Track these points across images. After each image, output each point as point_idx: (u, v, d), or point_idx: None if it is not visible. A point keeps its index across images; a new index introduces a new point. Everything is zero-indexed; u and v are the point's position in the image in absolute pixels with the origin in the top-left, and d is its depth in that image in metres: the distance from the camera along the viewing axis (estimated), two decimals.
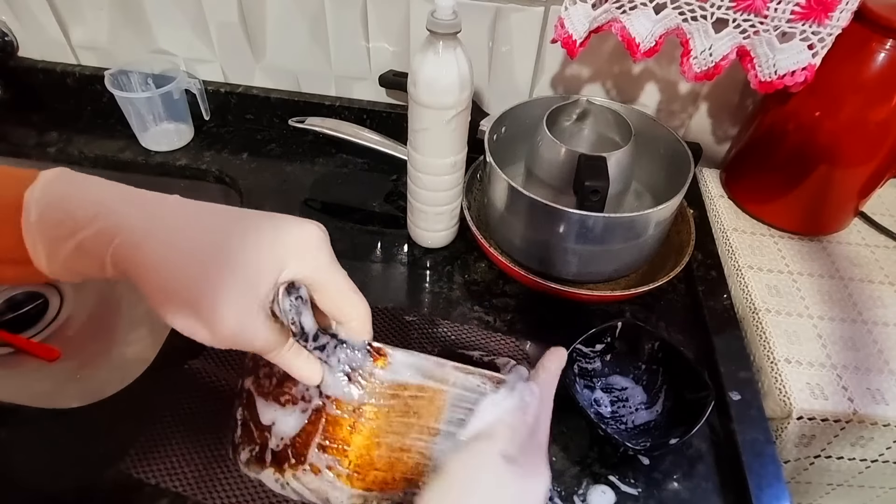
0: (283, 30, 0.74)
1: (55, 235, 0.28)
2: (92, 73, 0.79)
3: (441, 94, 0.50)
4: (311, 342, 0.29)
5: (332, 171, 0.77)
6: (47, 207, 0.28)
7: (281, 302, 0.28)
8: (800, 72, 0.55)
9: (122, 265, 0.27)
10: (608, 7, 0.57)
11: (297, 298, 0.28)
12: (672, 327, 0.59)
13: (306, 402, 0.30)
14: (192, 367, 0.52)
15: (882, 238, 0.68)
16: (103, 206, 0.28)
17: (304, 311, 0.28)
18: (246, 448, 0.32)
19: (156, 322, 0.61)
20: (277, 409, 0.31)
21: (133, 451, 0.46)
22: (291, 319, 0.28)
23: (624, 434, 0.50)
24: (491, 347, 0.56)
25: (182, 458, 0.46)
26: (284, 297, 0.28)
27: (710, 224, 0.69)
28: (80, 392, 0.52)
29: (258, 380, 0.32)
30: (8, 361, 0.61)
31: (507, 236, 0.60)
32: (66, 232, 0.28)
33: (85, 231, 0.28)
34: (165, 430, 0.47)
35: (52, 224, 0.28)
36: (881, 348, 0.55)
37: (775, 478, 0.46)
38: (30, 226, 0.28)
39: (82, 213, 0.28)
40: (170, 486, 0.44)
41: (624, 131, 0.60)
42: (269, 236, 0.28)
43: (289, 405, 0.31)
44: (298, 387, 0.31)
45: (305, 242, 0.29)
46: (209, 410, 0.49)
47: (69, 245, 0.28)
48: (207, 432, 0.47)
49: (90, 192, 0.29)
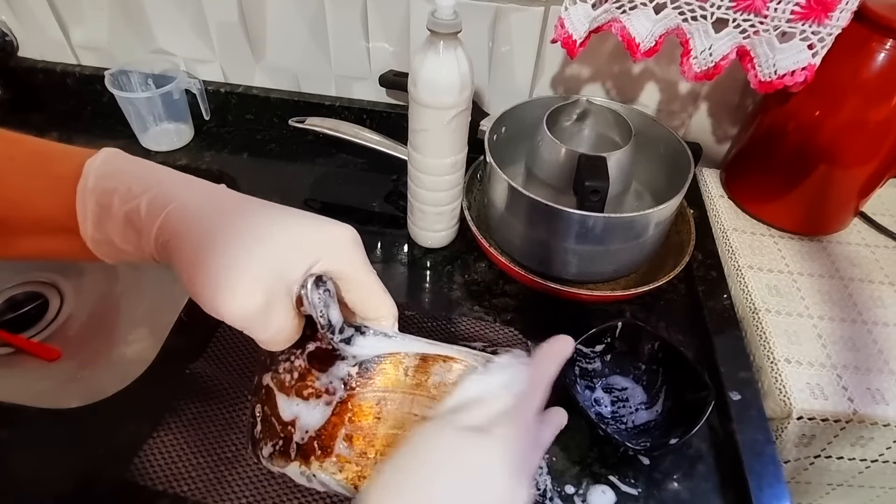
0: (283, 30, 0.74)
1: (107, 203, 0.29)
2: (92, 73, 0.79)
3: (441, 94, 0.50)
4: (337, 334, 0.30)
5: (332, 171, 0.77)
6: (104, 176, 0.30)
7: (310, 294, 0.28)
8: (800, 72, 0.55)
9: (166, 236, 0.28)
10: (608, 7, 0.57)
11: (325, 291, 0.29)
12: (672, 327, 0.59)
13: (330, 395, 0.31)
14: (192, 367, 0.52)
15: (882, 238, 0.68)
16: (158, 181, 0.30)
17: (332, 304, 0.29)
18: (268, 443, 0.32)
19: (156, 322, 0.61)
20: (300, 403, 0.31)
21: (133, 451, 0.46)
22: (320, 312, 0.29)
23: (624, 434, 0.50)
24: (492, 338, 0.56)
25: (182, 458, 0.45)
26: (314, 289, 0.28)
27: (710, 224, 0.69)
28: (80, 392, 0.52)
29: (277, 375, 0.32)
30: (8, 361, 0.61)
31: (507, 236, 0.60)
32: (119, 201, 0.29)
33: (137, 200, 0.29)
34: (166, 430, 0.47)
35: (106, 191, 0.29)
36: (881, 348, 0.55)
37: (775, 478, 0.46)
38: (84, 192, 0.29)
39: (137, 185, 0.29)
40: (169, 487, 0.44)
41: (624, 131, 0.60)
42: (307, 230, 0.29)
43: (312, 399, 0.31)
44: (322, 380, 0.31)
45: (342, 240, 0.30)
46: (210, 410, 0.49)
47: (119, 214, 0.29)
48: (208, 432, 0.47)
49: (147, 170, 0.31)
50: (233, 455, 0.46)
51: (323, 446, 0.31)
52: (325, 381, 0.31)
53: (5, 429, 0.48)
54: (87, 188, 0.29)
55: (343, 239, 0.30)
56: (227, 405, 0.49)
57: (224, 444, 0.46)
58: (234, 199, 0.30)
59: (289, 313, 0.29)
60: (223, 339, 0.54)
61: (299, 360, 0.32)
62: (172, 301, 0.59)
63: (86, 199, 0.29)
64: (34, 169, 0.31)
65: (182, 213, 0.29)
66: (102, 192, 0.29)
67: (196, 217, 0.28)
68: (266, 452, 0.32)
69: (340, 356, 0.31)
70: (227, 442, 0.47)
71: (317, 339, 0.31)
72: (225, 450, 0.46)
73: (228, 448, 0.46)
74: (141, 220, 0.29)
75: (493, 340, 0.56)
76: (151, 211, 0.29)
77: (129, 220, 0.29)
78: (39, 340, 0.64)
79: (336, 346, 0.30)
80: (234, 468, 0.45)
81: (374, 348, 0.31)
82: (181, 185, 0.30)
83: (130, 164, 0.31)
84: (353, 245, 0.31)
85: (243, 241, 0.28)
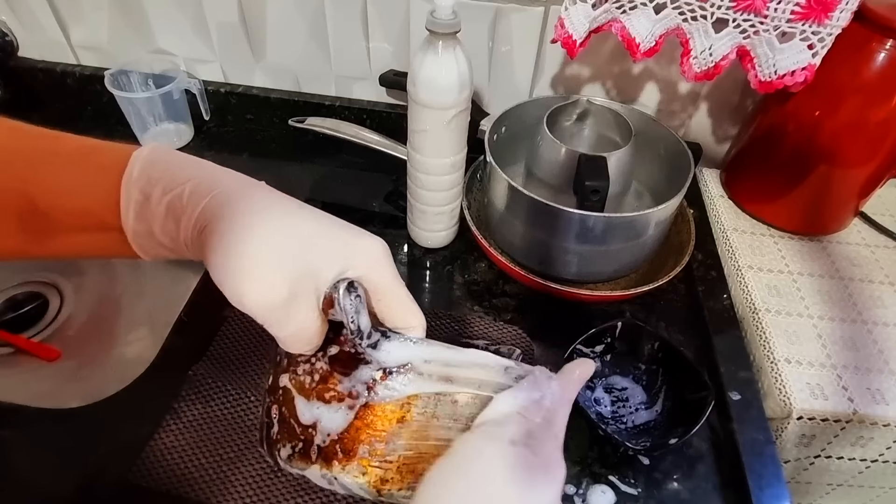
0: (283, 30, 0.74)
1: (150, 192, 0.30)
2: (92, 73, 0.79)
3: (441, 93, 0.50)
4: (366, 339, 0.30)
5: (332, 171, 0.77)
6: (149, 166, 0.30)
7: (342, 299, 0.29)
8: (800, 72, 0.55)
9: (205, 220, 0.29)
10: (608, 7, 0.57)
11: (356, 297, 0.29)
12: (672, 327, 0.59)
13: (353, 399, 0.31)
14: (192, 368, 0.52)
15: (882, 238, 0.68)
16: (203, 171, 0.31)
17: (362, 310, 0.30)
18: (287, 444, 0.32)
19: (156, 322, 0.61)
20: (321, 406, 0.31)
21: (133, 451, 0.46)
22: (351, 318, 0.29)
23: (624, 434, 0.50)
24: (495, 336, 0.56)
25: (182, 458, 0.46)
26: (346, 295, 0.29)
27: (710, 224, 0.69)
28: (80, 392, 0.52)
29: (296, 376, 0.32)
30: (8, 361, 0.61)
31: (507, 236, 0.60)
32: (161, 190, 0.30)
33: (181, 188, 0.29)
34: (166, 431, 0.47)
35: (150, 180, 0.30)
36: (881, 348, 0.55)
37: (775, 478, 0.46)
38: (130, 181, 0.30)
39: (182, 174, 0.30)
40: (172, 487, 0.44)
41: (624, 131, 0.60)
42: (343, 236, 0.30)
43: (334, 402, 0.31)
44: (344, 384, 0.31)
45: (375, 251, 0.31)
46: (210, 410, 0.49)
47: (161, 203, 0.30)
48: (209, 432, 0.47)
49: (192, 161, 0.32)
50: (236, 455, 0.46)
51: (345, 450, 0.31)
52: (347, 385, 0.31)
53: (5, 429, 0.48)
54: (133, 177, 0.30)
55: (376, 250, 0.31)
56: (228, 404, 0.49)
57: (227, 445, 0.46)
58: (275, 195, 0.31)
59: (312, 313, 0.29)
60: (224, 339, 0.54)
61: (320, 362, 0.32)
62: (172, 301, 0.59)
63: (130, 188, 0.30)
64: (79, 161, 0.31)
65: (224, 199, 0.29)
66: (147, 181, 0.30)
67: (236, 204, 0.29)
68: (284, 454, 0.32)
69: (364, 360, 0.31)
70: (230, 442, 0.47)
71: (339, 343, 0.31)
72: (227, 450, 0.46)
73: (231, 448, 0.46)
74: (182, 206, 0.29)
75: (497, 339, 0.56)
76: (194, 198, 0.29)
77: (170, 208, 0.30)
78: (39, 340, 0.64)
79: (363, 350, 0.30)
80: (238, 468, 0.45)
81: (399, 354, 0.31)
82: (225, 176, 0.31)
83: (176, 157, 0.32)
84: (385, 256, 0.31)
85: (278, 233, 0.28)
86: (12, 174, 0.31)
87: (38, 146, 0.32)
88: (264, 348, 0.54)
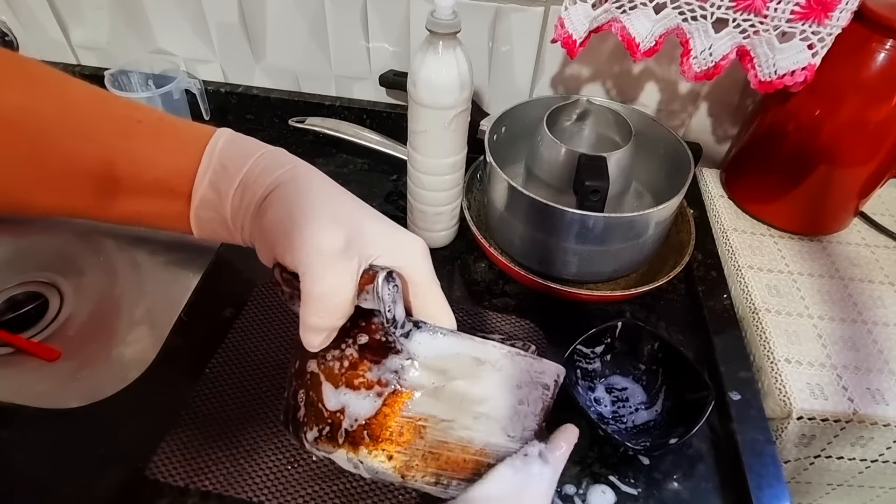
0: (283, 30, 0.74)
1: (227, 164, 0.33)
2: (92, 73, 0.79)
3: (441, 94, 0.50)
4: (399, 328, 0.30)
5: (332, 171, 0.77)
6: (232, 141, 0.34)
7: (380, 288, 0.29)
8: (800, 72, 0.55)
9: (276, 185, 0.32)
10: (608, 7, 0.57)
11: (394, 287, 0.30)
12: (672, 327, 0.59)
13: (382, 387, 0.31)
14: (192, 368, 0.52)
15: (882, 238, 0.68)
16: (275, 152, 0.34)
17: (399, 300, 0.30)
18: (314, 427, 0.32)
19: (156, 322, 0.60)
20: (349, 392, 0.32)
21: (133, 450, 0.46)
22: (388, 307, 0.30)
23: (624, 434, 0.50)
24: (508, 331, 0.57)
25: (182, 458, 0.46)
26: (384, 284, 0.29)
27: (710, 224, 0.69)
28: (80, 392, 0.52)
29: (325, 362, 0.33)
30: (8, 361, 0.61)
31: (507, 236, 0.60)
32: (238, 164, 0.32)
33: (256, 161, 0.33)
34: (166, 430, 0.47)
35: (231, 154, 0.33)
36: (881, 348, 0.55)
37: (775, 478, 0.46)
38: (213, 152, 0.33)
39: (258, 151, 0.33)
40: (170, 483, 0.44)
41: (624, 131, 0.60)
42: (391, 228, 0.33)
43: (363, 389, 0.31)
44: (374, 371, 0.31)
45: (416, 248, 0.33)
46: (210, 409, 0.49)
47: (237, 177, 0.32)
48: (209, 432, 0.47)
49: (264, 145, 0.34)
50: (252, 447, 0.46)
51: (373, 435, 0.31)
52: (377, 373, 0.31)
53: (5, 429, 0.48)
54: (217, 148, 0.33)
55: (420, 246, 0.33)
56: (228, 405, 0.49)
57: (229, 446, 0.46)
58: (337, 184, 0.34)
59: (350, 277, 0.30)
60: (237, 335, 0.54)
61: (350, 349, 0.32)
62: (172, 301, 0.59)
63: (212, 158, 0.33)
64: (162, 131, 0.34)
65: (294, 173, 0.32)
66: (227, 154, 0.33)
67: (305, 176, 0.32)
68: (311, 437, 0.33)
69: (394, 349, 0.31)
70: (232, 442, 0.47)
71: (369, 332, 0.32)
72: (231, 450, 0.46)
73: (234, 449, 0.46)
74: (255, 177, 0.32)
75: (510, 334, 0.57)
76: (267, 170, 0.32)
77: (244, 178, 0.32)
78: (39, 340, 0.64)
79: (395, 339, 0.31)
80: (255, 459, 0.45)
81: (429, 345, 0.31)
82: (293, 157, 0.34)
83: (250, 139, 0.35)
84: (424, 255, 0.33)
85: (340, 199, 0.32)
86: (97, 140, 0.32)
87: (123, 114, 0.33)
88: (279, 342, 0.54)
